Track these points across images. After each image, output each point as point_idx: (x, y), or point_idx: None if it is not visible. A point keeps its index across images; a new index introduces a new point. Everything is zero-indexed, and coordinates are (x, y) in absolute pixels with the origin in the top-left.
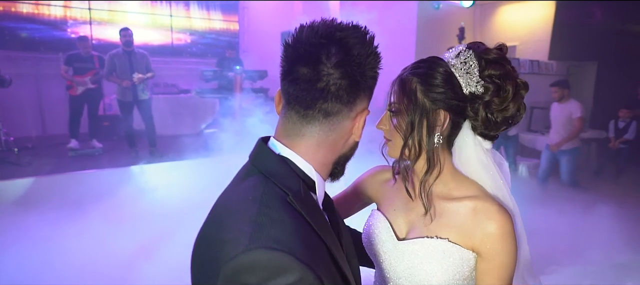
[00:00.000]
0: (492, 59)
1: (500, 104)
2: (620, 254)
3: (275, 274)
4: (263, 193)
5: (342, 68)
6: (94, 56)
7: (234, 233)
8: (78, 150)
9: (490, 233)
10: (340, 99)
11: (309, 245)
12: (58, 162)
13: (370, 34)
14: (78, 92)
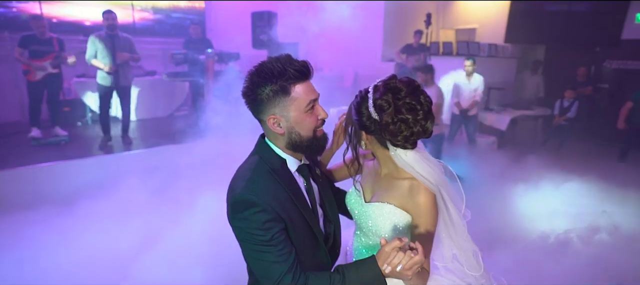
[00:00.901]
0: (392, 100)
1: (386, 132)
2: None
3: (249, 206)
4: (255, 166)
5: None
6: (52, 38)
7: (237, 185)
8: (41, 140)
9: (418, 202)
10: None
11: (274, 195)
12: (18, 154)
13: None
14: (37, 77)
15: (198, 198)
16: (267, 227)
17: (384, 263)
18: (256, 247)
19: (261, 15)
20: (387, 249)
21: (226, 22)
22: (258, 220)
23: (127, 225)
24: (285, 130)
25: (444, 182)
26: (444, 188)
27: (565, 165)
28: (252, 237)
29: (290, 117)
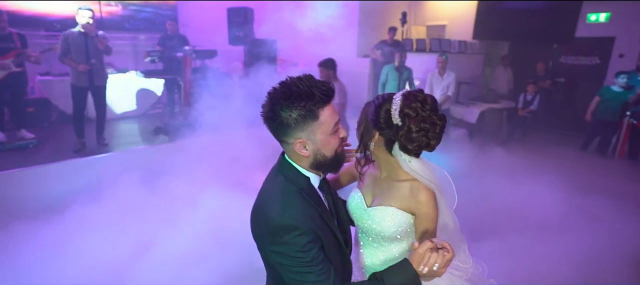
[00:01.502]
0: (417, 109)
1: (409, 139)
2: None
3: (290, 230)
4: (284, 188)
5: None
6: (12, 34)
7: (272, 210)
8: (6, 144)
9: (421, 201)
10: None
11: (308, 216)
12: None
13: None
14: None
15: (186, 198)
16: (308, 249)
17: (421, 265)
18: (299, 270)
19: (237, 11)
20: (421, 251)
21: (199, 17)
22: (299, 243)
23: (113, 232)
24: (311, 153)
25: (441, 186)
26: (440, 192)
27: (532, 154)
28: (294, 261)
29: (317, 140)
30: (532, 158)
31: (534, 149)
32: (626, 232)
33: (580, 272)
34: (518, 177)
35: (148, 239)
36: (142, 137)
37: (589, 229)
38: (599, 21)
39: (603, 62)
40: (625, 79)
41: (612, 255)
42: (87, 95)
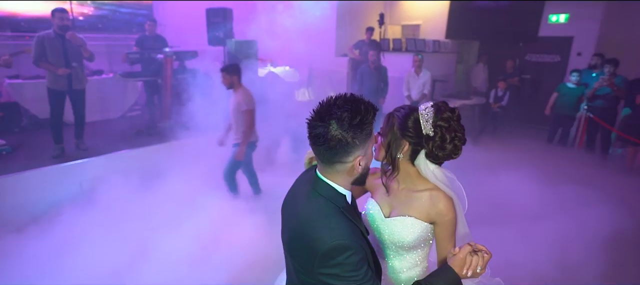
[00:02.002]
0: (447, 118)
1: (441, 147)
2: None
3: (343, 251)
4: (329, 209)
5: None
6: None
7: (322, 233)
8: None
9: (441, 209)
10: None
11: (354, 233)
12: None
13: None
14: None
15: (176, 201)
16: (360, 266)
17: (464, 269)
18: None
19: (216, 12)
20: (462, 255)
21: (176, 17)
22: (352, 262)
23: (106, 240)
24: (363, 168)
25: (456, 193)
26: (457, 199)
27: (504, 147)
28: (347, 281)
29: (368, 156)
30: (504, 151)
31: (505, 142)
32: (591, 216)
33: (556, 257)
34: (495, 169)
35: (141, 244)
36: (123, 140)
37: (559, 216)
38: (559, 22)
39: (563, 60)
40: (577, 77)
41: (582, 239)
42: (65, 100)
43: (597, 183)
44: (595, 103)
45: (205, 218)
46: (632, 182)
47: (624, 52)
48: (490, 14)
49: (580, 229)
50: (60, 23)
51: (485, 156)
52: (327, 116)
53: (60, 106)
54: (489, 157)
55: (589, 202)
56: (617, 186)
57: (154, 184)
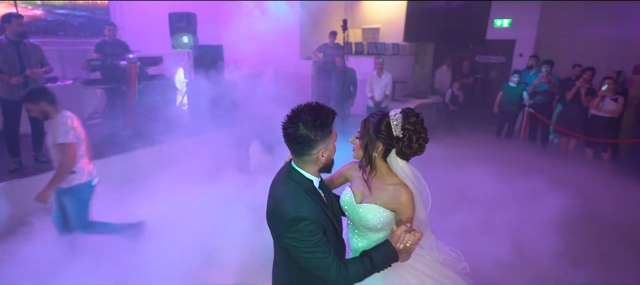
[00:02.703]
0: (413, 122)
1: (409, 147)
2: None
3: (302, 221)
4: (295, 190)
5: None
6: None
7: (286, 207)
8: None
9: (402, 201)
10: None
11: (315, 209)
12: None
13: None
14: None
15: (146, 213)
16: (314, 234)
17: (398, 243)
18: (309, 249)
19: (180, 16)
20: (398, 233)
21: (135, 21)
22: (309, 230)
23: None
24: (326, 159)
25: (419, 187)
26: (418, 192)
27: (460, 142)
28: (304, 244)
29: (330, 149)
30: (461, 145)
31: (461, 137)
32: (542, 200)
33: (514, 242)
34: (455, 163)
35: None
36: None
37: (513, 203)
38: (503, 26)
39: (508, 61)
40: (518, 77)
41: (536, 223)
42: (21, 110)
43: (541, 169)
44: (535, 99)
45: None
46: (569, 166)
47: (557, 54)
48: (443, 18)
49: (533, 212)
50: (18, 29)
51: (444, 151)
52: (295, 119)
53: (16, 117)
54: (447, 152)
55: (538, 187)
56: (558, 170)
57: (127, 194)
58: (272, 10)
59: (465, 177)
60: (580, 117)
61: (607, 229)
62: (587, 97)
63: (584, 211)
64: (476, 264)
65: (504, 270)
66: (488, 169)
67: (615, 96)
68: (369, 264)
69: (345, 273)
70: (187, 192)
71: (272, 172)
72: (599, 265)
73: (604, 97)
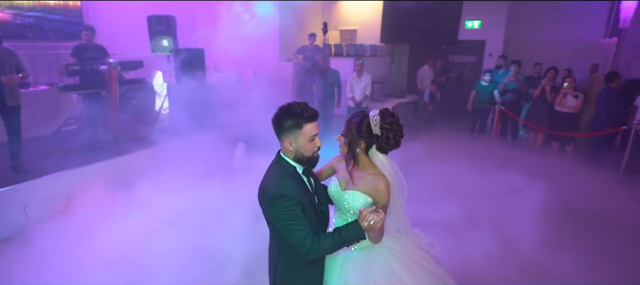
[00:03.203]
0: (390, 122)
1: (386, 140)
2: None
3: (281, 197)
4: (279, 172)
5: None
6: None
7: (270, 185)
8: None
9: (379, 188)
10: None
11: (294, 190)
12: None
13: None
14: None
15: (119, 231)
16: (293, 210)
17: (363, 221)
18: (287, 223)
19: (159, 20)
20: (365, 212)
21: (110, 24)
22: (287, 206)
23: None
24: (294, 150)
25: (396, 178)
26: (394, 182)
27: (438, 138)
28: (284, 216)
29: (299, 143)
30: (439, 141)
31: (437, 134)
32: (518, 192)
33: (500, 232)
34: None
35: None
36: (67, 158)
37: (491, 194)
38: (474, 27)
39: (478, 60)
40: (489, 76)
41: (515, 212)
42: None
43: (514, 162)
44: (505, 97)
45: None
46: (538, 159)
47: (523, 53)
48: (417, 20)
49: (512, 203)
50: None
51: (423, 147)
52: (279, 108)
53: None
54: (426, 148)
55: (513, 179)
56: (530, 163)
57: (117, 203)
58: (251, 12)
59: (446, 171)
60: (546, 113)
61: (580, 216)
62: (552, 94)
63: (558, 200)
64: (465, 255)
65: (492, 261)
66: (466, 164)
67: (575, 93)
68: (338, 239)
69: (317, 245)
70: (176, 196)
71: (257, 171)
72: (579, 251)
73: (566, 94)
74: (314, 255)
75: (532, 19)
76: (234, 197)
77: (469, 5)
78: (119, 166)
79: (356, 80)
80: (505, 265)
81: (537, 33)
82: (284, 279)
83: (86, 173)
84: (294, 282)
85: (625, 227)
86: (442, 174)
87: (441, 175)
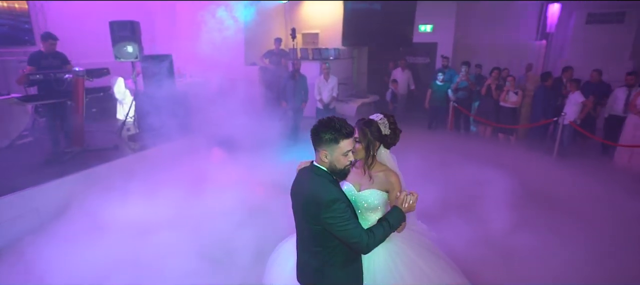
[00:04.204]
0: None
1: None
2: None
3: (335, 202)
4: (324, 181)
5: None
6: None
7: (322, 193)
8: None
9: (392, 181)
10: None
11: (340, 192)
12: None
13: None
14: None
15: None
16: (346, 210)
17: (403, 203)
18: (344, 223)
19: (123, 25)
20: (402, 195)
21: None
22: (341, 208)
23: None
24: (329, 162)
25: (398, 170)
26: (400, 175)
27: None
28: (340, 219)
29: (333, 156)
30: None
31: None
32: (481, 179)
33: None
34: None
35: None
36: (32, 173)
37: (459, 182)
38: (427, 31)
39: (432, 61)
40: (443, 76)
41: (481, 197)
42: None
43: (469, 153)
44: (458, 95)
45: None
46: (489, 149)
47: (470, 54)
48: (376, 23)
49: (478, 191)
50: None
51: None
52: (319, 122)
53: None
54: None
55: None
56: (482, 152)
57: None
58: (215, 17)
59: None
60: (492, 109)
61: (539, 198)
62: (497, 92)
63: (516, 185)
64: (451, 241)
65: (469, 245)
66: (429, 157)
67: (516, 90)
68: (387, 226)
69: (373, 237)
70: (153, 205)
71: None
72: (546, 231)
73: (508, 90)
74: (373, 246)
75: (476, 23)
76: (214, 203)
77: (421, 10)
78: (90, 178)
79: (323, 83)
80: (480, 247)
81: (481, 36)
82: (334, 279)
83: (58, 187)
84: (343, 281)
85: (564, 200)
86: (409, 167)
87: (407, 169)
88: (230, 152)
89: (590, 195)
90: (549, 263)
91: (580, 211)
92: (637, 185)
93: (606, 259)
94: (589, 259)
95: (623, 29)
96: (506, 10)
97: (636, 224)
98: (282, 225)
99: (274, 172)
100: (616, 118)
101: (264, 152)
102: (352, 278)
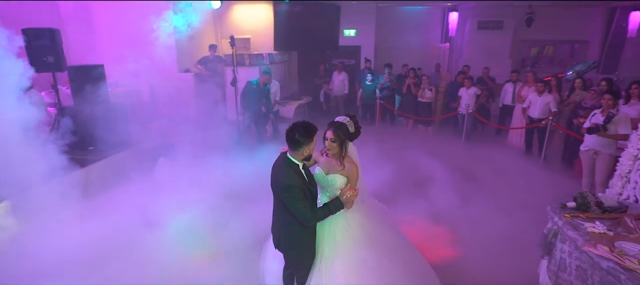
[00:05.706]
0: (356, 121)
1: (356, 134)
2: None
3: (291, 187)
4: (289, 170)
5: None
6: None
7: (284, 179)
8: None
9: (352, 170)
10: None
11: (299, 180)
12: None
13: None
14: None
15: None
16: (299, 193)
17: (343, 196)
18: (295, 202)
19: (40, 33)
20: (344, 191)
21: None
22: (295, 192)
23: None
24: (307, 154)
25: (359, 162)
26: (360, 165)
27: None
28: (293, 199)
29: (310, 149)
30: None
31: None
32: (416, 164)
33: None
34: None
35: None
36: None
37: (398, 166)
38: (351, 35)
39: (357, 63)
40: (371, 76)
41: (420, 182)
42: None
43: (398, 143)
44: (383, 93)
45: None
46: (414, 138)
47: (390, 57)
48: (304, 29)
49: (407, 172)
50: None
51: None
52: (295, 129)
53: None
54: None
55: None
56: (409, 141)
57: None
58: (145, 24)
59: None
60: (412, 104)
61: (469, 177)
62: (415, 89)
63: (444, 166)
64: (395, 212)
65: (417, 215)
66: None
67: (430, 87)
68: (327, 210)
69: (314, 215)
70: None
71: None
72: (486, 204)
73: (424, 88)
74: (313, 222)
75: (393, 28)
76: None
77: (345, 16)
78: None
79: None
80: (422, 215)
81: (398, 39)
82: (290, 239)
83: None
84: (298, 241)
85: (478, 175)
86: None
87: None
88: (173, 161)
89: (492, 168)
90: (469, 215)
91: (487, 180)
92: (526, 160)
93: (510, 213)
94: (496, 215)
95: (503, 34)
96: (417, 16)
97: (526, 188)
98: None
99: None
100: (507, 107)
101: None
102: (308, 236)
